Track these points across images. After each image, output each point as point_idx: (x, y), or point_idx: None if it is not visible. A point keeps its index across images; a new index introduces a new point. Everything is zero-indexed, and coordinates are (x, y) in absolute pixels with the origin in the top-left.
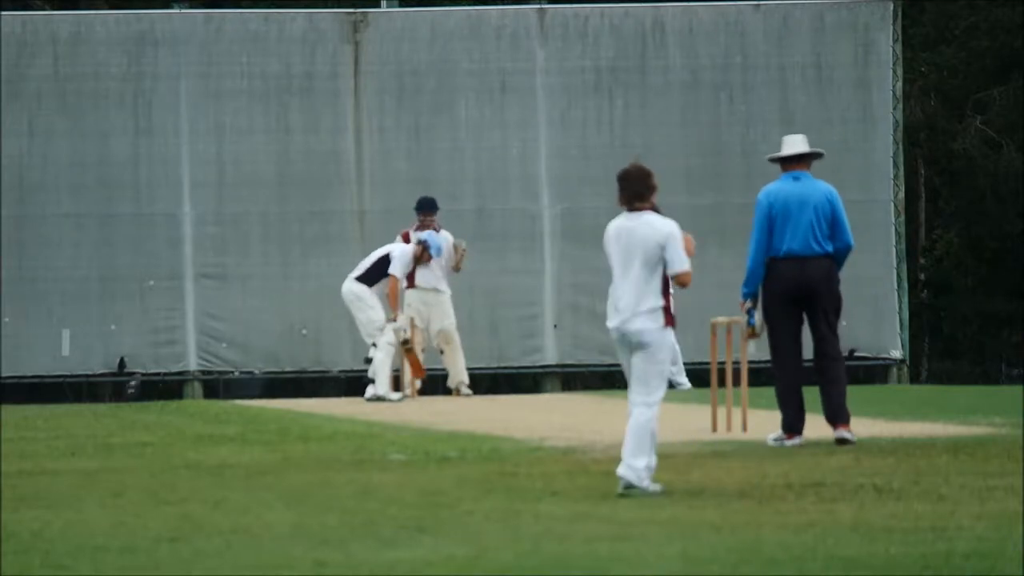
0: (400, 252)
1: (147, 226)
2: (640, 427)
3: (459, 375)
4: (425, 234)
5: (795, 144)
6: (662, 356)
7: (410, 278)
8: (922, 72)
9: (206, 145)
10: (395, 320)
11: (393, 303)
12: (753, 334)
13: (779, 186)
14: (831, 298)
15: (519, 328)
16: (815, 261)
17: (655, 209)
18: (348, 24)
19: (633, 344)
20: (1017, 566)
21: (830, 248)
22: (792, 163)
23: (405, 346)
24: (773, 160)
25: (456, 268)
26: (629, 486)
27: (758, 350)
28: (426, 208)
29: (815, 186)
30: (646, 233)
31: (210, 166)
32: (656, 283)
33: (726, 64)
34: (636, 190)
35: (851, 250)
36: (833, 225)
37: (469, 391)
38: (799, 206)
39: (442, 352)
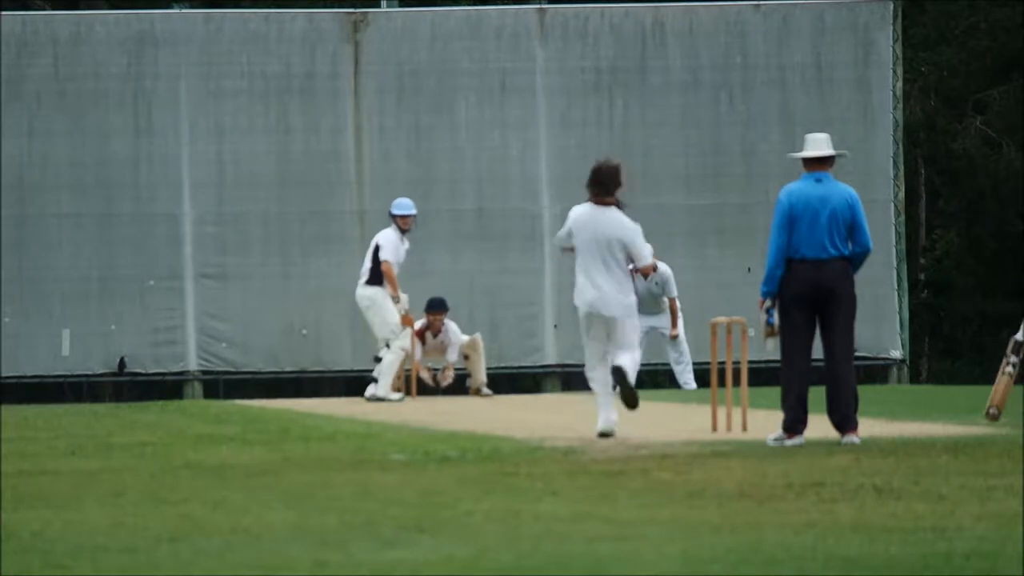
0: (385, 238)
1: (147, 226)
2: (635, 363)
3: (479, 376)
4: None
5: (819, 144)
6: (632, 323)
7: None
8: (922, 72)
9: (206, 145)
10: (396, 300)
11: (392, 285)
12: (772, 332)
13: (800, 187)
14: (847, 300)
15: (519, 328)
16: (831, 264)
17: (618, 205)
18: (348, 24)
19: (608, 321)
20: (1017, 566)
21: (847, 251)
22: (814, 164)
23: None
24: (795, 158)
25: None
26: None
27: (775, 349)
28: (436, 308)
29: (836, 189)
30: (613, 228)
31: (210, 166)
32: (623, 270)
33: (726, 64)
34: (604, 186)
35: (869, 254)
36: (852, 228)
37: (489, 391)
38: (818, 208)
39: (467, 357)
